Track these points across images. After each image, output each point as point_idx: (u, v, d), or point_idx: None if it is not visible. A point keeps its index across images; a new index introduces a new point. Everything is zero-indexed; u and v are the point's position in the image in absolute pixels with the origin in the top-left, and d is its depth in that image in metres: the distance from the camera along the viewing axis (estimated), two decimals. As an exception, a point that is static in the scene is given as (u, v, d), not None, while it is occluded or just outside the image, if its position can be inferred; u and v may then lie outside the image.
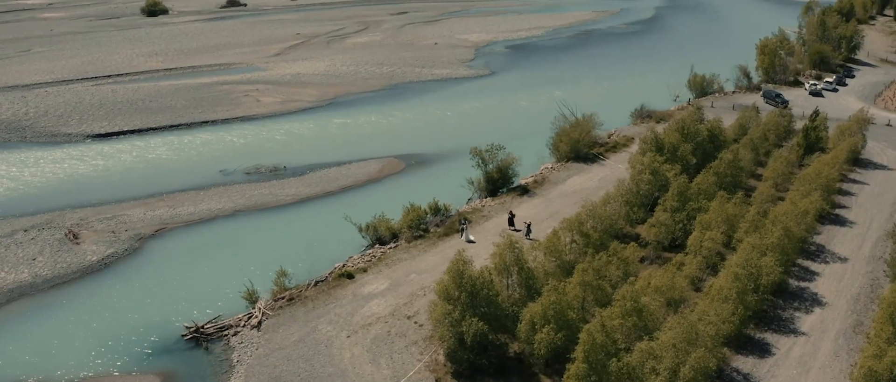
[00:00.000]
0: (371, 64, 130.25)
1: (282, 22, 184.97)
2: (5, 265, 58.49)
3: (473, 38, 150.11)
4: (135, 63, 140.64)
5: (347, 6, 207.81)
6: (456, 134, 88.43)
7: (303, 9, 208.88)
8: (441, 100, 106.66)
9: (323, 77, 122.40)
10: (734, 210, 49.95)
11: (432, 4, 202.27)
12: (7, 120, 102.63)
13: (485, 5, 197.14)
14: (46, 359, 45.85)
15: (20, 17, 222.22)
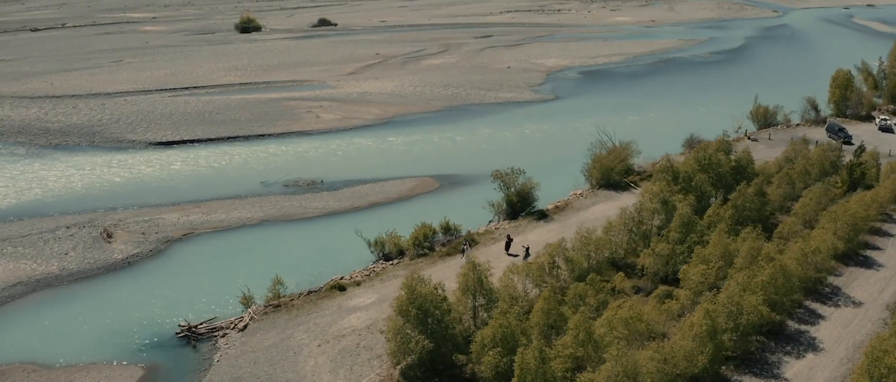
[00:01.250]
0: (438, 85, 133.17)
1: (366, 42, 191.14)
2: (39, 258, 63.73)
3: (549, 63, 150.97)
4: (214, 77, 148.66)
5: (436, 29, 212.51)
6: (500, 157, 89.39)
7: (391, 30, 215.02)
8: (497, 123, 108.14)
9: (388, 96, 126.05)
10: (736, 245, 48.95)
11: (519, 29, 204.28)
12: (81, 125, 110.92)
13: (571, 31, 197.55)
14: (50, 345, 50.00)
15: (123, 29, 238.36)
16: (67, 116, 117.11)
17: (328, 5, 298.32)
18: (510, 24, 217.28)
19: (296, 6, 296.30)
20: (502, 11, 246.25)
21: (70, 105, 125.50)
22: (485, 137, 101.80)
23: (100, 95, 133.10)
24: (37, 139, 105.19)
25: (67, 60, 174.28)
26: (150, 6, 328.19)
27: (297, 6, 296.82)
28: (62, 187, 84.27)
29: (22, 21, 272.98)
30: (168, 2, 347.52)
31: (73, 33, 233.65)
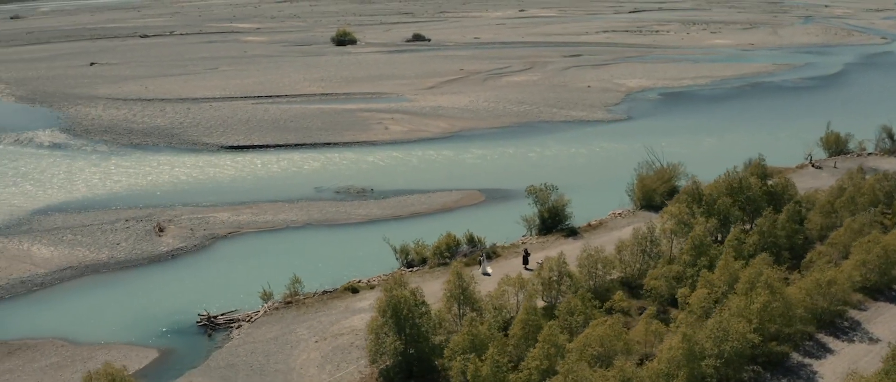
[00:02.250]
0: (512, 102, 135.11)
1: (454, 57, 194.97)
2: (92, 246, 69.74)
3: (631, 83, 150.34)
4: (299, 86, 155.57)
5: (527, 47, 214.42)
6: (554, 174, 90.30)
7: (482, 47, 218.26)
8: (562, 141, 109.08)
9: (459, 111, 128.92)
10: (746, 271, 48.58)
11: (611, 49, 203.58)
12: (163, 127, 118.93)
13: (664, 52, 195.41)
14: (81, 325, 55.15)
15: (227, 38, 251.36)
16: (152, 118, 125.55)
17: (426, 21, 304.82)
18: (603, 43, 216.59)
19: (396, 21, 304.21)
20: (599, 31, 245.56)
21: (158, 108, 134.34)
22: (545, 154, 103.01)
23: (187, 100, 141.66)
24: (120, 138, 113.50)
25: (166, 66, 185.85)
26: (257, 17, 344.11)
27: (398, 21, 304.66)
28: (131, 183, 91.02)
29: (134, 28, 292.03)
30: (275, 13, 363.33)
31: (178, 41, 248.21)
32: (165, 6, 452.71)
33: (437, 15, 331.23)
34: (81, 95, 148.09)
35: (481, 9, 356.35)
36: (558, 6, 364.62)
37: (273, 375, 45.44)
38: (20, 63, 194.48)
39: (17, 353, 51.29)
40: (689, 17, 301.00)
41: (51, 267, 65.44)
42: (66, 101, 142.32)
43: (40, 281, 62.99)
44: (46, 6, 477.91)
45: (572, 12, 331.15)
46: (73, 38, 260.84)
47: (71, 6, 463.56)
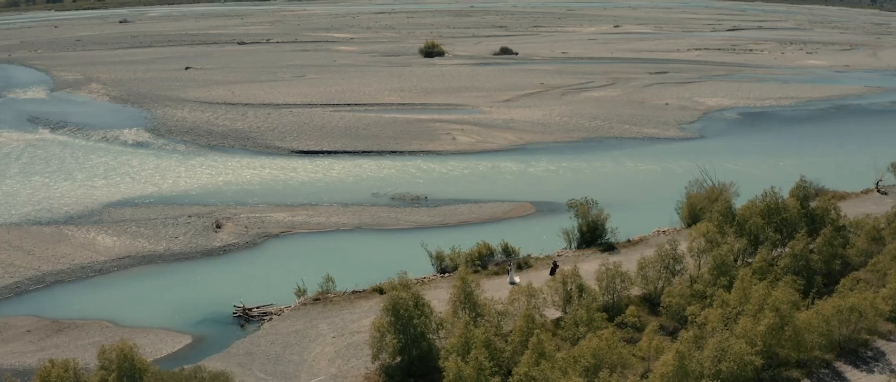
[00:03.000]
0: (585, 117, 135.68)
1: (537, 71, 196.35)
2: (152, 239, 75.05)
3: (711, 102, 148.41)
4: (378, 96, 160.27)
5: (613, 62, 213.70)
6: (611, 189, 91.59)
7: (568, 61, 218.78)
8: (628, 157, 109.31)
9: (530, 124, 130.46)
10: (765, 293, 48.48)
11: (699, 67, 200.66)
12: (241, 130, 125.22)
13: (753, 72, 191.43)
14: (126, 309, 59.89)
15: (320, 47, 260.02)
16: (232, 122, 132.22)
17: (519, 35, 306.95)
18: (692, 61, 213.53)
19: (488, 34, 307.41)
20: (690, 49, 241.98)
21: (240, 112, 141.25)
22: (608, 169, 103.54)
23: (269, 105, 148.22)
24: (199, 139, 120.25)
25: (256, 72, 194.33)
26: (353, 27, 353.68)
27: (490, 34, 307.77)
28: (201, 182, 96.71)
29: (234, 35, 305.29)
30: (372, 24, 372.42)
31: (273, 48, 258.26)
32: (268, 15, 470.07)
33: (530, 29, 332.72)
34: (171, 97, 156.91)
35: (576, 24, 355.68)
36: (655, 23, 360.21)
37: (285, 364, 48.45)
38: (120, 65, 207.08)
39: (65, 331, 56.15)
40: (787, 37, 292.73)
41: (110, 255, 70.79)
42: (156, 102, 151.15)
43: (99, 268, 68.30)
44: (155, 11, 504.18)
45: (668, 29, 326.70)
46: (174, 43, 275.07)
47: (178, 12, 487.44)
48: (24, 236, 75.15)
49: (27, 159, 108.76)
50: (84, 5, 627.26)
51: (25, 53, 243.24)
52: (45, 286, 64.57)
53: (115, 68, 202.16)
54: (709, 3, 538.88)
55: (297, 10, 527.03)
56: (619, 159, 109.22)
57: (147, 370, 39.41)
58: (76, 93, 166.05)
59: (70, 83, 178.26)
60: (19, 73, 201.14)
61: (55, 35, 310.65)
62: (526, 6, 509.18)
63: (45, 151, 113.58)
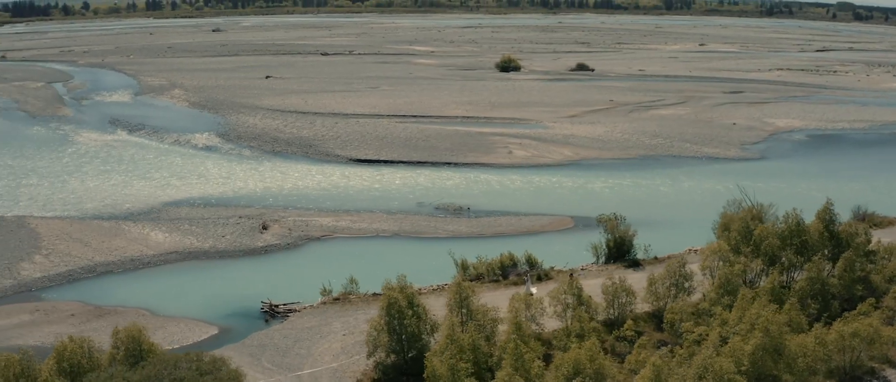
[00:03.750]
0: (647, 135, 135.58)
1: (609, 88, 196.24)
2: (201, 236, 79.94)
3: (780, 123, 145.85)
4: (444, 109, 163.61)
5: (689, 81, 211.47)
6: (655, 206, 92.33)
7: (643, 79, 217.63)
8: (682, 176, 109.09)
9: (589, 140, 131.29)
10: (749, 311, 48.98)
11: (776, 88, 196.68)
12: (305, 138, 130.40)
13: (833, 94, 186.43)
14: (164, 299, 64.47)
15: (399, 60, 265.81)
16: (299, 130, 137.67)
17: (600, 51, 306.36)
18: (771, 81, 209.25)
19: (569, 50, 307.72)
20: (772, 69, 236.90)
21: (308, 121, 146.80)
22: (658, 186, 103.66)
23: (338, 115, 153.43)
24: (264, 145, 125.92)
25: (332, 83, 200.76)
26: (437, 41, 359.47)
27: (571, 50, 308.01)
28: (257, 185, 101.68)
29: (319, 46, 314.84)
30: (455, 38, 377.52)
31: (354, 60, 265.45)
32: (356, 27, 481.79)
33: (613, 46, 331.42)
34: (246, 104, 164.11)
35: (661, 42, 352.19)
36: (742, 42, 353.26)
37: (292, 357, 51.66)
38: (204, 72, 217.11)
39: (105, 316, 60.93)
40: (877, 59, 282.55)
41: (159, 250, 75.86)
42: (231, 109, 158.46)
43: (147, 261, 73.34)
44: (249, 21, 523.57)
45: (754, 48, 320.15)
46: (260, 53, 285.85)
47: (270, 23, 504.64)
48: (84, 230, 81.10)
49: (103, 158, 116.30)
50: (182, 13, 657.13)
51: (118, 58, 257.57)
52: (96, 275, 69.84)
53: (199, 75, 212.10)
54: (803, 24, 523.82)
55: (385, 22, 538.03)
56: (672, 177, 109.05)
57: (151, 351, 43.01)
58: (158, 98, 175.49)
59: (154, 88, 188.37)
60: (109, 77, 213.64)
61: (149, 42, 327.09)
62: (614, 23, 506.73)
63: (121, 151, 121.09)
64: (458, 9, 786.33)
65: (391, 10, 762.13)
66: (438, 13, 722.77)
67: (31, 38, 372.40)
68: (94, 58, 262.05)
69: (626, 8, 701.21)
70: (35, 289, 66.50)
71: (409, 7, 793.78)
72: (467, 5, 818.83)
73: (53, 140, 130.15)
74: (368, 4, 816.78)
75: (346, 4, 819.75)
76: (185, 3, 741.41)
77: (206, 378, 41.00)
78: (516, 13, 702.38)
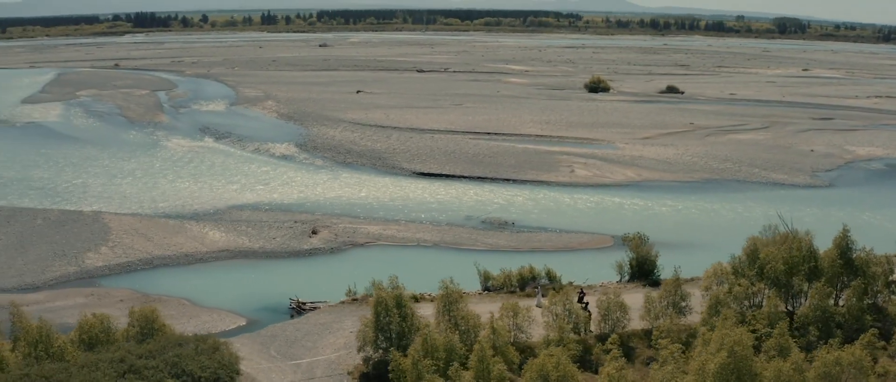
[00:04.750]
0: (717, 159, 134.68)
1: (692, 112, 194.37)
2: (254, 237, 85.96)
3: (860, 151, 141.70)
4: (521, 127, 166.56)
5: (779, 106, 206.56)
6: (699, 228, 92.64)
7: (732, 102, 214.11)
8: (741, 200, 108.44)
9: (655, 162, 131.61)
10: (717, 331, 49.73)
11: (869, 115, 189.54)
12: (376, 151, 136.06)
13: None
14: (204, 292, 70.39)
15: (491, 78, 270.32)
16: (373, 143, 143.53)
17: (697, 74, 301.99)
18: (867, 108, 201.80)
19: (665, 72, 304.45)
20: (871, 96, 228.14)
21: (384, 134, 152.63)
22: (711, 209, 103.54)
23: (414, 130, 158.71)
24: (337, 156, 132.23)
25: (418, 99, 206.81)
26: (534, 60, 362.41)
27: (667, 72, 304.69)
28: (318, 193, 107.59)
29: (417, 63, 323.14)
30: (553, 58, 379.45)
31: (447, 77, 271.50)
32: (459, 45, 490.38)
33: (712, 69, 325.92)
34: (330, 117, 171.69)
35: (763, 65, 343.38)
36: (848, 67, 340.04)
37: (297, 348, 56.05)
38: (299, 86, 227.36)
39: (150, 303, 66.43)
40: None
41: (213, 248, 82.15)
42: (315, 121, 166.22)
43: (199, 257, 79.67)
44: (356, 37, 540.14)
45: (859, 74, 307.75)
46: (358, 68, 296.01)
47: (376, 39, 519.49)
48: (151, 226, 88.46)
49: (186, 163, 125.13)
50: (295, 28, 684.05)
51: (223, 69, 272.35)
52: (151, 267, 76.58)
53: (294, 88, 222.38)
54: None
55: (489, 41, 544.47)
56: (728, 201, 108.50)
57: (162, 330, 48.15)
58: (250, 108, 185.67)
59: (249, 99, 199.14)
60: (211, 87, 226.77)
61: (256, 55, 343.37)
62: (720, 46, 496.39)
63: (203, 157, 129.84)
64: (566, 29, 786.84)
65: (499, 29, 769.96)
66: (545, 33, 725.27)
67: (147, 48, 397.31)
68: (200, 69, 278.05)
69: (738, 31, 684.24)
70: (94, 276, 73.63)
71: (517, 27, 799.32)
72: (576, 25, 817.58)
73: (145, 144, 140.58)
74: (477, 23, 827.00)
75: (455, 23, 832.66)
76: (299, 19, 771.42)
77: (202, 356, 45.68)
78: (623, 34, 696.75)
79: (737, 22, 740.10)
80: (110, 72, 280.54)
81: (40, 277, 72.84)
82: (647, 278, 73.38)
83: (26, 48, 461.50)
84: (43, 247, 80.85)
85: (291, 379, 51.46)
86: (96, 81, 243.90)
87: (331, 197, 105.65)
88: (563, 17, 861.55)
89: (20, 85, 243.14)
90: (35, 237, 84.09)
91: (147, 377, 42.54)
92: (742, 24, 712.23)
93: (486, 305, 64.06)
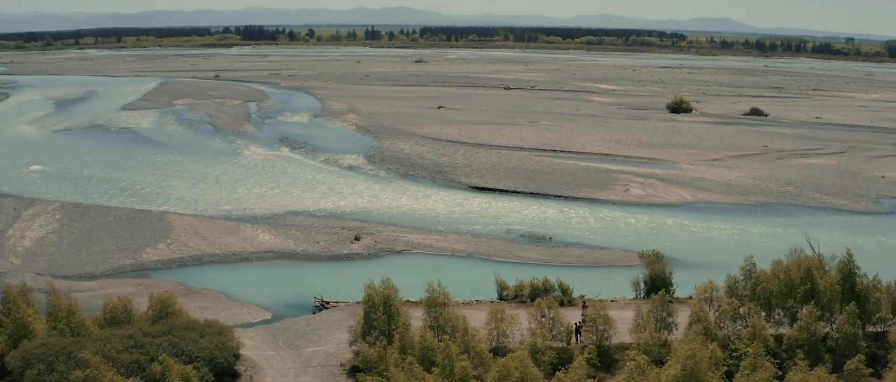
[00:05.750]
0: (778, 182, 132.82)
1: (770, 134, 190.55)
2: (300, 241, 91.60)
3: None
4: (590, 145, 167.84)
5: (862, 131, 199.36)
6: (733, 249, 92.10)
7: (815, 126, 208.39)
8: (790, 224, 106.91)
9: (714, 184, 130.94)
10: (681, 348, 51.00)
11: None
12: (439, 164, 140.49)
13: None
14: (241, 286, 76.13)
15: (575, 96, 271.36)
16: (439, 157, 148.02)
17: (790, 97, 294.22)
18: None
19: (754, 95, 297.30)
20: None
21: (451, 149, 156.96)
22: (753, 232, 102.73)
23: (483, 146, 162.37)
24: (400, 169, 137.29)
25: (496, 116, 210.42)
26: (624, 80, 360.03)
27: (756, 95, 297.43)
28: (371, 202, 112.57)
29: (506, 80, 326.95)
30: (644, 78, 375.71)
31: (531, 95, 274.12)
32: (555, 63, 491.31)
33: (805, 92, 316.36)
34: (404, 131, 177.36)
35: (860, 90, 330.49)
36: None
37: (303, 340, 60.63)
38: (384, 100, 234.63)
39: (190, 295, 73.21)
40: None
41: (259, 248, 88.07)
42: (389, 134, 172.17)
43: (246, 256, 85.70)
44: (454, 54, 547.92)
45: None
46: (446, 84, 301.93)
47: (474, 55, 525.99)
48: (208, 227, 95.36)
49: (258, 170, 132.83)
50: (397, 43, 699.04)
51: (317, 83, 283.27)
52: (200, 263, 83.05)
53: (378, 102, 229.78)
54: None
55: (585, 60, 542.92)
56: (776, 225, 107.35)
57: (175, 313, 53.60)
58: (332, 121, 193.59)
59: (333, 112, 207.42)
60: (301, 99, 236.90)
61: (351, 69, 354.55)
62: (822, 69, 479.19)
63: (275, 165, 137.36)
64: (668, 49, 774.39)
65: (600, 48, 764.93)
66: (645, 53, 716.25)
67: (250, 61, 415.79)
68: (295, 81, 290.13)
69: (846, 54, 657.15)
70: (147, 269, 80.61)
71: (619, 46, 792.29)
72: (679, 46, 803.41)
73: (226, 152, 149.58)
74: (578, 41, 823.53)
75: (557, 41, 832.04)
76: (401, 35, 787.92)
77: (203, 339, 50.76)
78: (726, 55, 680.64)
79: (846, 44, 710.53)
80: (210, 82, 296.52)
81: (99, 267, 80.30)
82: (657, 293, 74.34)
83: (137, 58, 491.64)
84: (108, 241, 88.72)
85: (289, 366, 56.01)
86: (194, 91, 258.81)
87: (382, 206, 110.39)
88: (666, 37, 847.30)
89: (123, 93, 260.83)
90: (103, 232, 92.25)
91: (148, 352, 47.84)
92: (851, 46, 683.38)
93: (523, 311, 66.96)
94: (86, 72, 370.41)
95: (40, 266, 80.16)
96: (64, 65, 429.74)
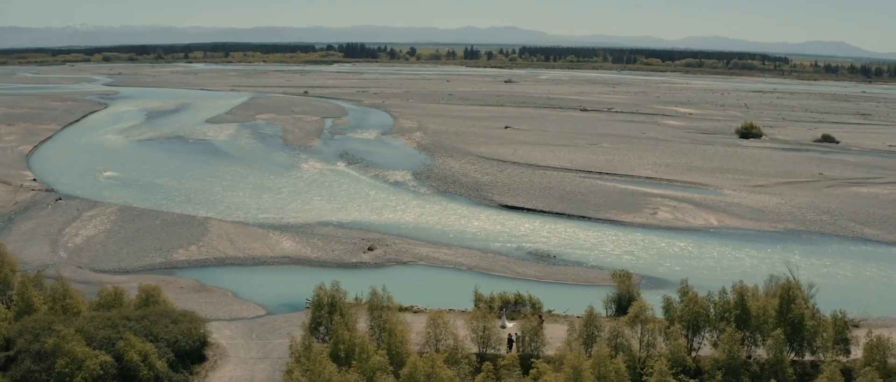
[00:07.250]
0: (816, 210, 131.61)
1: (831, 162, 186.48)
2: (315, 249, 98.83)
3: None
4: (637, 168, 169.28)
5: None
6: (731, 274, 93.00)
7: (885, 155, 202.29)
8: (807, 253, 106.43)
9: (747, 210, 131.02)
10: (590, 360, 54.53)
11: None
12: (480, 183, 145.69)
13: None
14: (246, 286, 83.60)
15: (648, 119, 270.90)
16: (482, 175, 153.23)
17: (873, 124, 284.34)
18: None
19: (837, 121, 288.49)
20: None
21: (498, 168, 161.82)
22: (763, 259, 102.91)
23: (531, 166, 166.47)
24: (441, 186, 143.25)
25: (558, 137, 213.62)
26: (707, 104, 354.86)
27: (839, 121, 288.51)
28: (400, 216, 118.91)
29: (585, 102, 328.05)
30: (727, 102, 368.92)
31: (604, 117, 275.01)
32: (645, 85, 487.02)
33: (894, 120, 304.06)
34: (460, 149, 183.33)
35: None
36: None
37: (274, 334, 67.49)
38: (454, 119, 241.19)
39: (202, 292, 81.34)
40: None
41: (278, 254, 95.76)
42: (445, 153, 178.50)
43: (264, 260, 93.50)
44: (546, 75, 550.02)
45: None
46: (524, 105, 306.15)
47: (565, 76, 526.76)
48: (240, 233, 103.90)
49: (308, 183, 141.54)
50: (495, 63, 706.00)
51: (397, 101, 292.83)
52: (221, 265, 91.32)
53: (448, 121, 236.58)
54: None
55: (677, 82, 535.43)
56: (792, 254, 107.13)
57: (158, 302, 61.32)
58: (396, 138, 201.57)
59: (401, 129, 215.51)
60: (376, 117, 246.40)
61: (438, 88, 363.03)
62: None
63: (326, 179, 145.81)
64: (770, 73, 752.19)
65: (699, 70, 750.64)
66: (744, 76, 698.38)
67: (344, 78, 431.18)
68: (378, 99, 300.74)
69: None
70: (174, 268, 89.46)
71: (719, 69, 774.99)
72: (780, 70, 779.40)
73: (286, 165, 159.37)
74: (678, 64, 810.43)
75: (656, 63, 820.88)
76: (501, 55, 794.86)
77: (174, 326, 58.20)
78: (827, 80, 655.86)
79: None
80: (296, 98, 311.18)
81: (133, 263, 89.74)
82: (626, 312, 77.36)
83: (238, 73, 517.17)
84: (148, 241, 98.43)
85: (252, 355, 62.83)
86: (279, 106, 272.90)
87: (407, 220, 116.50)
88: (769, 61, 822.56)
89: (213, 106, 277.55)
90: (147, 233, 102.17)
91: (120, 332, 55.52)
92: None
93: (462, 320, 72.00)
94: (186, 85, 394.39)
95: (83, 260, 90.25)
96: (167, 78, 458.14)
